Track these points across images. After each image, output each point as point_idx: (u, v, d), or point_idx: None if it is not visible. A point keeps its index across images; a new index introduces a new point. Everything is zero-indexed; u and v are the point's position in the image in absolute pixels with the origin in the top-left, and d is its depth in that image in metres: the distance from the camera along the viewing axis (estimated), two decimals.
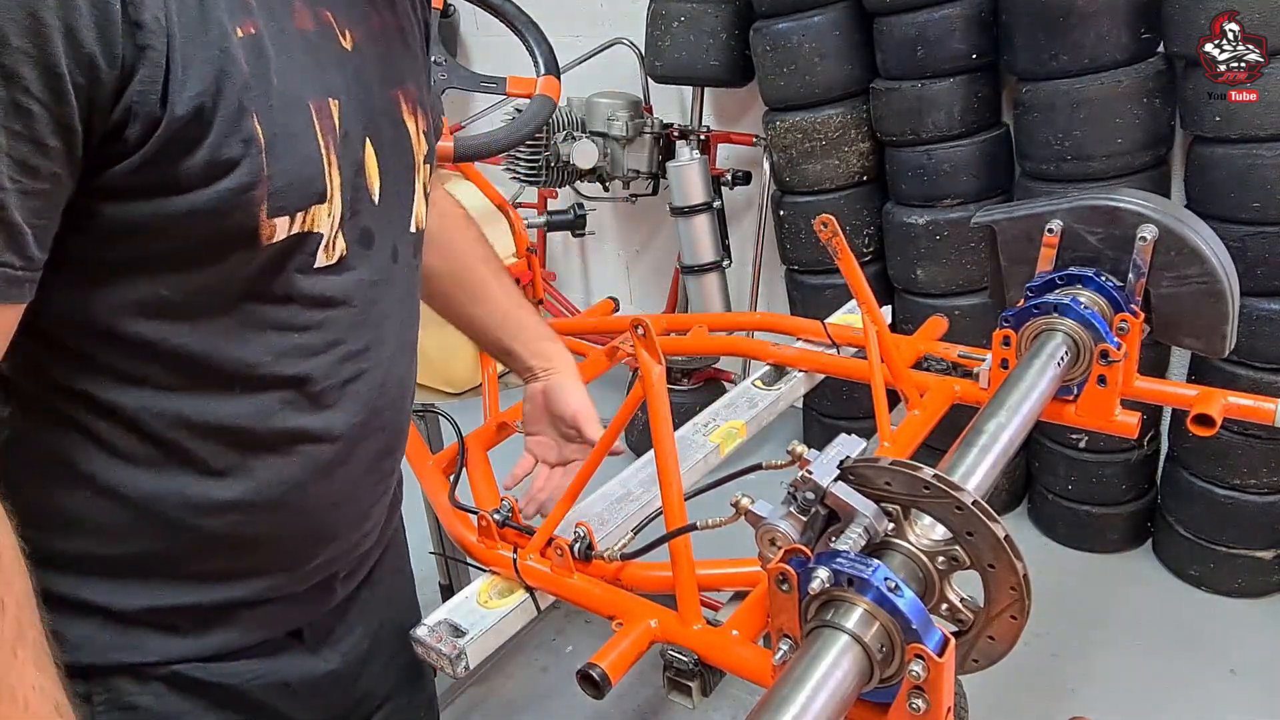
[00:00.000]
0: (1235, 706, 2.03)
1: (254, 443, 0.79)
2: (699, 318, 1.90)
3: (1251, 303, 2.03)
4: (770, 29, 2.51)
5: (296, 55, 0.72)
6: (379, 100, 0.82)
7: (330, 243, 0.77)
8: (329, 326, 0.80)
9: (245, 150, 0.68)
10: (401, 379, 0.91)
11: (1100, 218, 1.21)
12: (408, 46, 0.88)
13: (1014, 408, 1.01)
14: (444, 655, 1.03)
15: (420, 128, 0.89)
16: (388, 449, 0.92)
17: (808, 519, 0.77)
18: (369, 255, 0.81)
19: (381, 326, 0.85)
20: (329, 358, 0.81)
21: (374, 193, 0.81)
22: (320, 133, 0.74)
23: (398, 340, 0.89)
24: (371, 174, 0.81)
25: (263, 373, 0.77)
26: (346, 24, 0.79)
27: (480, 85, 1.52)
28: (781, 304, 3.01)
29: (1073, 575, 2.47)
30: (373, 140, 0.80)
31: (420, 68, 0.92)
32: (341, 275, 0.79)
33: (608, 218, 3.54)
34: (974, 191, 2.42)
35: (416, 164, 0.89)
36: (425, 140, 0.90)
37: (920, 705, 0.67)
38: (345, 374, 0.82)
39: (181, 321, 0.72)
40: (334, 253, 0.78)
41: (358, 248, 0.80)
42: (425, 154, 0.91)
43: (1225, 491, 2.24)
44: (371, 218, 0.81)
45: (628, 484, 1.29)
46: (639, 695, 2.18)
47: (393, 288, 0.86)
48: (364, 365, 0.84)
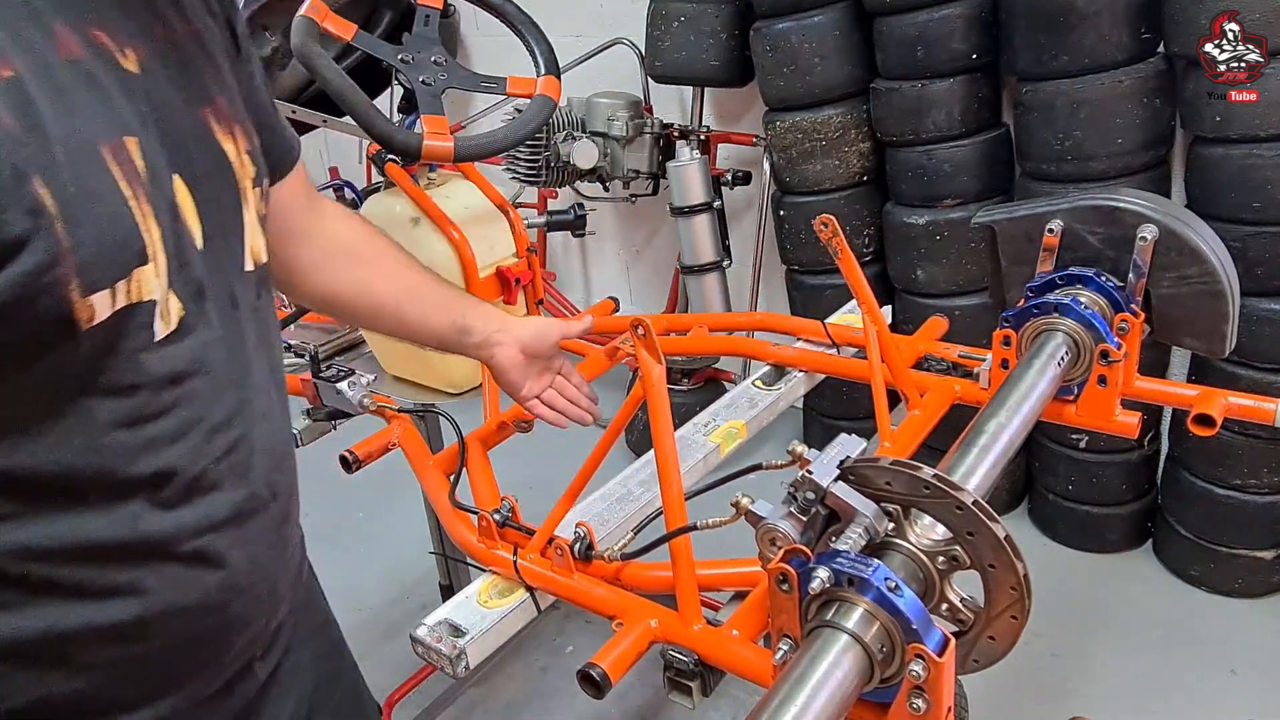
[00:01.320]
0: (1235, 706, 2.03)
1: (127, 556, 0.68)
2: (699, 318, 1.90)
3: (1251, 303, 2.03)
4: (770, 29, 2.51)
5: (71, 92, 0.60)
6: (184, 125, 0.71)
7: (165, 308, 0.66)
8: (186, 404, 0.69)
9: (34, 223, 0.56)
10: (280, 433, 0.82)
11: (1100, 218, 1.22)
12: (209, 55, 0.76)
13: (1014, 408, 1.01)
14: (444, 655, 1.03)
15: (241, 147, 0.77)
16: (284, 515, 0.82)
17: (808, 519, 0.77)
18: (206, 310, 0.70)
19: (245, 384, 0.75)
20: (194, 439, 0.70)
21: (196, 236, 0.70)
22: (123, 180, 0.62)
23: (266, 392, 0.79)
24: (189, 215, 0.70)
25: (119, 478, 0.66)
26: (126, 41, 0.67)
27: (480, 85, 1.52)
28: (781, 304, 3.01)
29: (1073, 575, 2.47)
30: (184, 175, 0.69)
31: (229, 76, 0.79)
32: (186, 341, 0.68)
33: (608, 218, 3.54)
34: (974, 192, 2.42)
35: (243, 191, 0.77)
36: (251, 161, 0.78)
37: (920, 705, 0.67)
38: (217, 450, 0.72)
39: (7, 438, 0.62)
40: (171, 318, 0.67)
41: (194, 305, 0.69)
42: (254, 177, 0.79)
43: (1226, 491, 2.24)
44: (200, 267, 0.70)
45: (628, 484, 1.29)
46: (639, 695, 2.18)
47: (244, 337, 0.76)
48: (236, 434, 0.74)
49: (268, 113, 0.88)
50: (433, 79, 1.46)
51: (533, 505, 1.24)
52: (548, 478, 1.17)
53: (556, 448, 1.61)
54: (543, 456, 1.85)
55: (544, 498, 1.20)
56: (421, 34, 1.49)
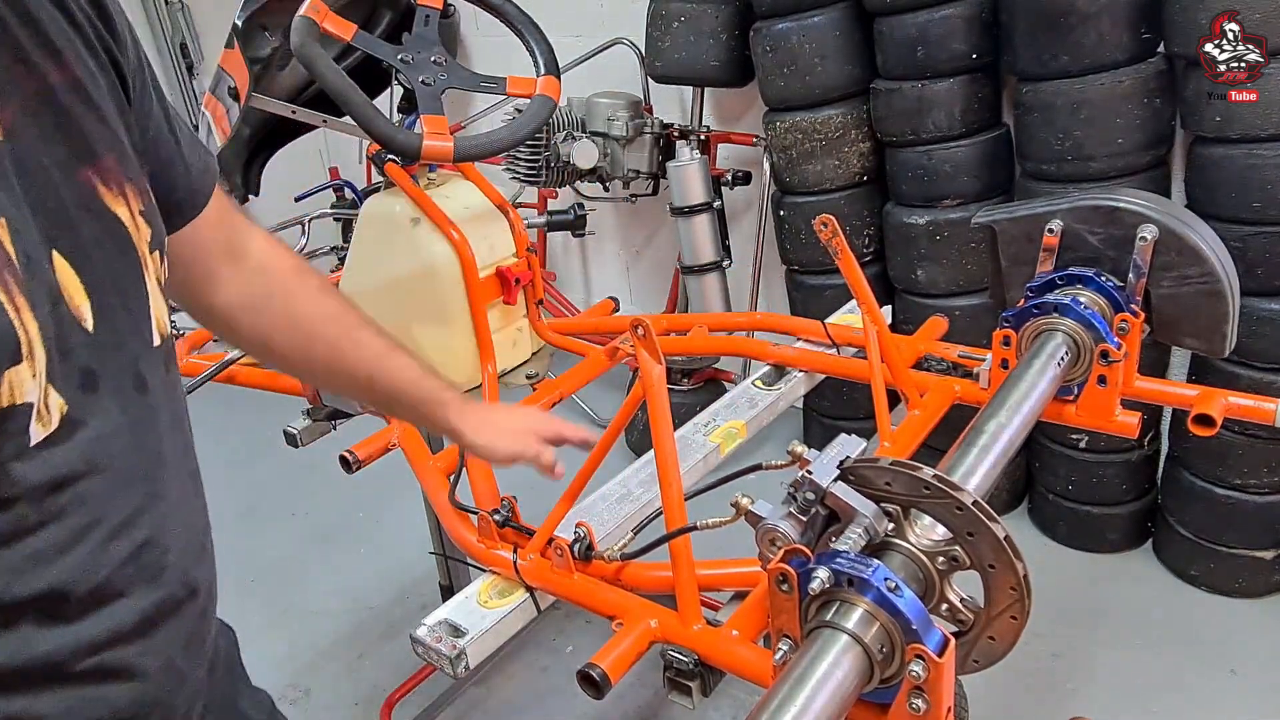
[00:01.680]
0: (1235, 706, 2.03)
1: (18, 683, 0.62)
2: (699, 318, 1.90)
3: (1251, 303, 2.03)
4: (770, 29, 2.51)
5: None
6: (64, 192, 0.62)
7: (43, 407, 0.58)
8: (76, 509, 0.61)
9: None
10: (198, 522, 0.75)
11: (1100, 218, 1.22)
12: (91, 105, 0.65)
13: (1014, 408, 1.01)
14: (444, 655, 1.03)
15: (135, 209, 0.68)
16: (203, 611, 0.75)
17: (808, 519, 0.77)
18: (99, 400, 0.63)
19: (153, 475, 0.68)
20: (88, 547, 0.63)
21: (85, 318, 0.62)
22: None
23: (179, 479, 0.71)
24: (74, 295, 0.62)
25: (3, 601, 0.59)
26: None
27: (480, 85, 1.52)
28: (781, 304, 3.01)
29: (1073, 575, 2.47)
30: (65, 250, 0.61)
31: (117, 128, 0.68)
32: (75, 439, 0.61)
33: (608, 218, 3.54)
34: (974, 192, 2.42)
35: (142, 258, 0.68)
36: (147, 222, 0.69)
37: (920, 705, 0.67)
38: (119, 555, 0.65)
39: None
40: (51, 417, 0.59)
41: (81, 396, 0.61)
42: (150, 240, 0.69)
43: (1226, 491, 2.24)
44: (90, 352, 0.62)
45: (628, 484, 1.29)
46: (639, 695, 2.18)
47: (156, 421, 0.68)
48: (143, 534, 0.66)
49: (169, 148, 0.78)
50: (433, 79, 1.46)
51: (533, 505, 1.24)
52: (548, 478, 1.18)
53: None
54: None
55: (544, 498, 1.20)
56: (421, 34, 1.49)
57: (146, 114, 0.74)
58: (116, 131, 0.68)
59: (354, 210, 2.29)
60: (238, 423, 2.91)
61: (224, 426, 3.07)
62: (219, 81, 1.97)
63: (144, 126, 0.73)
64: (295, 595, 2.68)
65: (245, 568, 2.77)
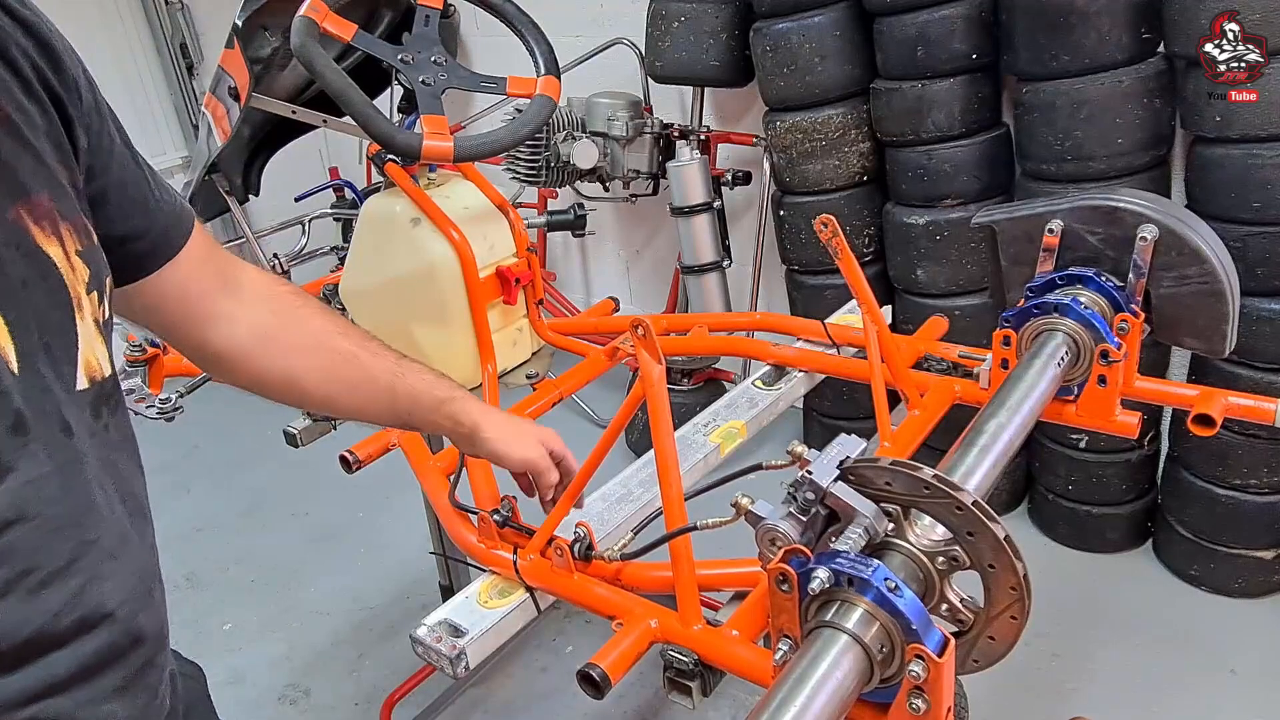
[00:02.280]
0: (1235, 706, 2.03)
1: None
2: (699, 318, 1.90)
3: (1251, 303, 2.03)
4: (770, 29, 2.51)
5: None
6: None
7: None
8: (6, 558, 0.60)
9: None
10: (145, 567, 0.72)
11: (1101, 218, 1.22)
12: (24, 143, 0.64)
13: (1014, 408, 1.01)
14: (444, 655, 1.03)
15: (70, 249, 0.66)
16: (149, 659, 0.72)
17: (808, 519, 0.77)
18: (28, 445, 0.61)
19: (83, 522, 0.65)
20: (18, 597, 0.61)
21: (10, 360, 0.61)
22: None
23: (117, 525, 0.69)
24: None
25: None
26: None
27: (480, 85, 1.52)
28: (781, 304, 3.01)
29: (1073, 575, 2.47)
30: None
31: (55, 167, 0.67)
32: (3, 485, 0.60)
33: (608, 218, 3.54)
34: (974, 192, 2.42)
35: (75, 299, 0.66)
36: (85, 262, 0.67)
37: (920, 705, 0.67)
38: (53, 605, 0.63)
39: None
40: None
41: (9, 440, 0.60)
42: (88, 280, 0.67)
43: (1225, 491, 2.24)
44: (18, 395, 0.61)
45: (628, 484, 1.29)
46: (639, 695, 2.18)
47: (82, 468, 0.66)
48: (79, 581, 0.65)
49: (138, 187, 0.77)
50: (433, 79, 1.46)
51: (533, 505, 1.24)
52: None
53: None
54: None
55: None
56: (421, 34, 1.49)
57: (107, 153, 0.73)
58: (54, 171, 0.66)
59: (354, 210, 2.30)
60: (238, 423, 2.91)
61: (224, 426, 3.07)
62: (219, 81, 1.98)
63: (104, 165, 0.72)
64: (295, 595, 2.68)
65: (245, 568, 2.78)
